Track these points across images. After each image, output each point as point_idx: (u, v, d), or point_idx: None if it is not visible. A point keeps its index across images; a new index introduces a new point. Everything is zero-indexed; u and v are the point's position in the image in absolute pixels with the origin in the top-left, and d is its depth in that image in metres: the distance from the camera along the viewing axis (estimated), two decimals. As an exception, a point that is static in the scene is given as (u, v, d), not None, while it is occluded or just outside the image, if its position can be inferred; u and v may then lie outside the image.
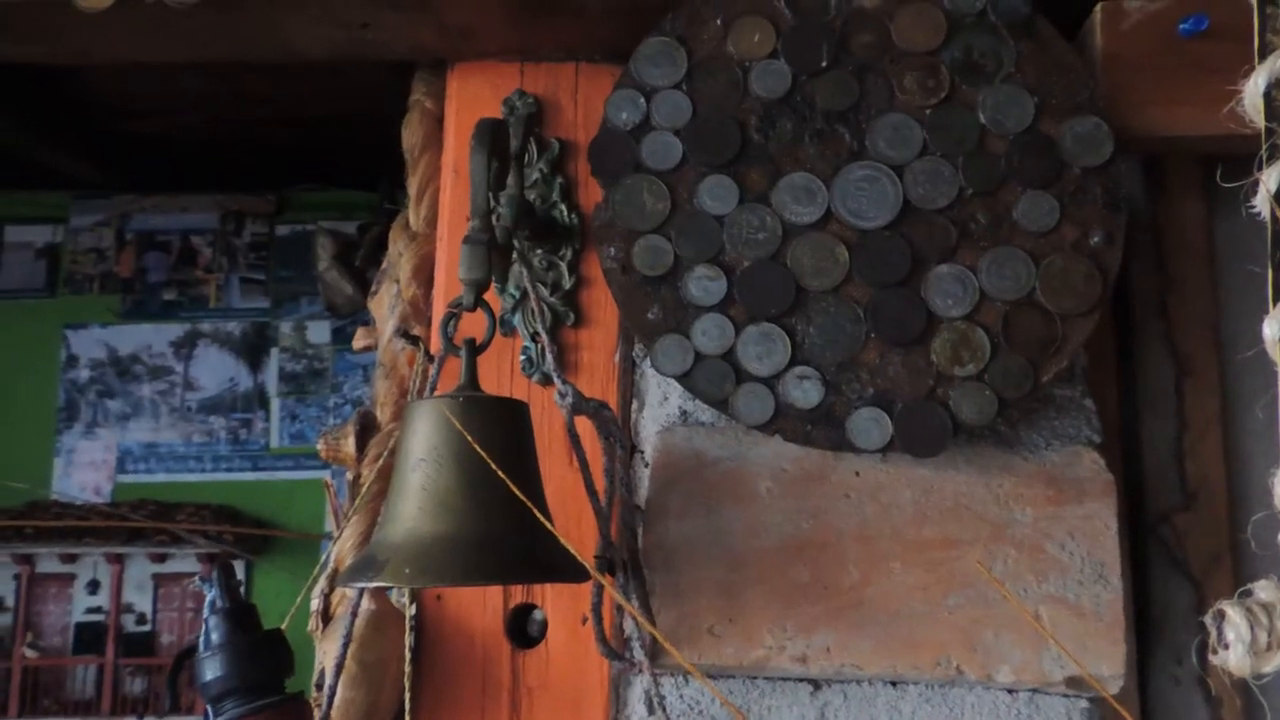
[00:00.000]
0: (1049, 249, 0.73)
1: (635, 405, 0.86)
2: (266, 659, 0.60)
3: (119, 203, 2.95)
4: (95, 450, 2.79)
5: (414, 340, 0.92)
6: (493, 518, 0.62)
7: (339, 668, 0.72)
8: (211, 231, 2.93)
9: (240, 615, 0.61)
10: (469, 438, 0.58)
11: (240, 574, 2.68)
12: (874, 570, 0.74)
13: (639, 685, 0.81)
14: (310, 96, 2.51)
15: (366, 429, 0.95)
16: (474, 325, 0.73)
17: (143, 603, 2.67)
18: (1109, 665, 0.70)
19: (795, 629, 0.73)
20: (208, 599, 0.61)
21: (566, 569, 0.64)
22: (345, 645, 0.73)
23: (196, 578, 0.63)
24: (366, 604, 0.82)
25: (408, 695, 0.82)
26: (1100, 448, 0.77)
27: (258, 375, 2.83)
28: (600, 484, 0.75)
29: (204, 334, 2.85)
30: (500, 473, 0.55)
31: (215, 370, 2.84)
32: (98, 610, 2.65)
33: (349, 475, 0.95)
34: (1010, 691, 0.74)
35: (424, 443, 0.64)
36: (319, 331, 2.86)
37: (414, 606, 0.85)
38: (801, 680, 0.77)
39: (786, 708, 0.76)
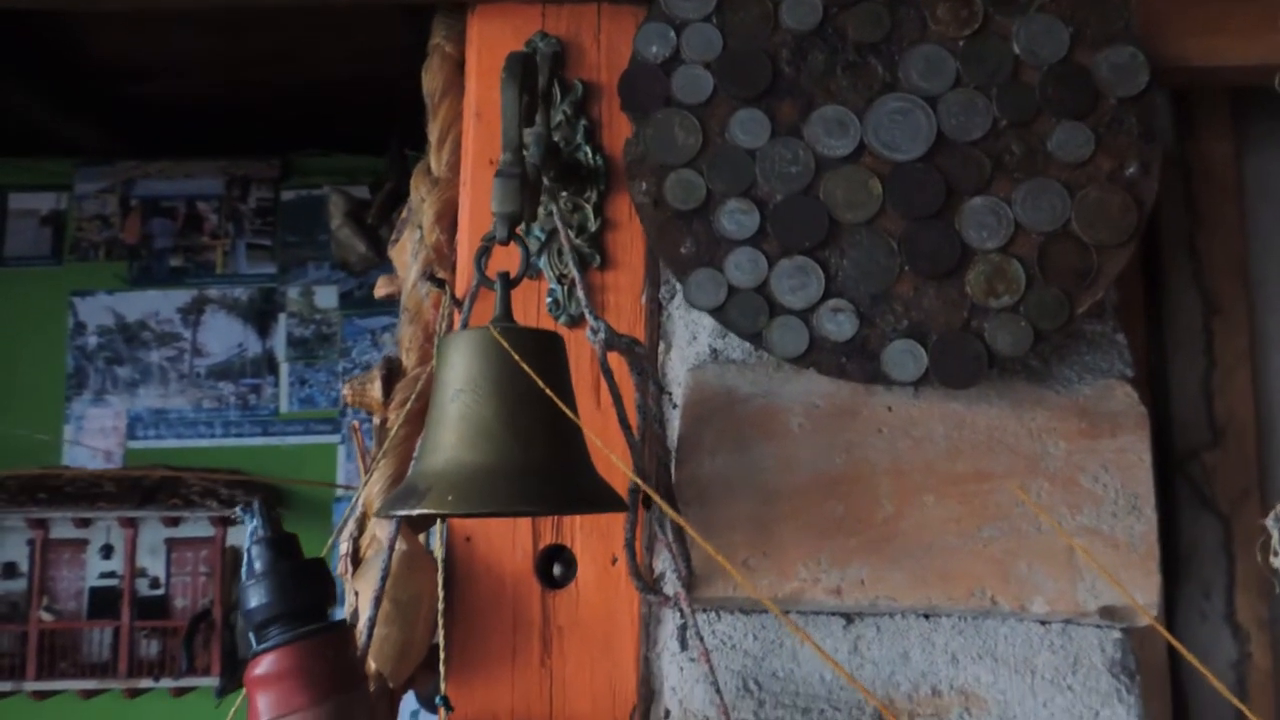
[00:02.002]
0: (1084, 180, 0.73)
1: (662, 347, 0.86)
2: (310, 586, 0.60)
3: (123, 169, 2.93)
4: (105, 417, 2.79)
5: (440, 283, 0.91)
6: (532, 447, 0.62)
7: (377, 600, 0.72)
8: (217, 197, 2.91)
9: (282, 544, 0.61)
10: (522, 363, 0.58)
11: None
12: (907, 504, 0.74)
13: (670, 622, 0.82)
14: (315, 58, 2.49)
15: (392, 374, 0.95)
16: (505, 261, 0.73)
17: (155, 567, 2.68)
18: (1143, 595, 0.70)
19: (829, 562, 0.73)
20: (249, 529, 0.61)
21: (605, 499, 0.64)
22: (384, 577, 0.74)
23: (238, 508, 0.63)
24: (400, 544, 0.82)
25: (441, 633, 0.83)
26: (1133, 381, 0.77)
27: (266, 341, 2.82)
28: (633, 420, 0.75)
29: (211, 300, 2.85)
30: (553, 395, 0.55)
31: (223, 336, 2.84)
32: (111, 575, 2.66)
33: (376, 420, 0.96)
34: (1043, 623, 0.74)
35: (462, 374, 0.64)
36: (327, 296, 2.86)
37: (443, 548, 0.85)
38: (834, 614, 0.77)
39: (820, 641, 0.77)
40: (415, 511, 0.59)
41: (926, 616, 0.76)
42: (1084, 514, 0.73)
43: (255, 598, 0.59)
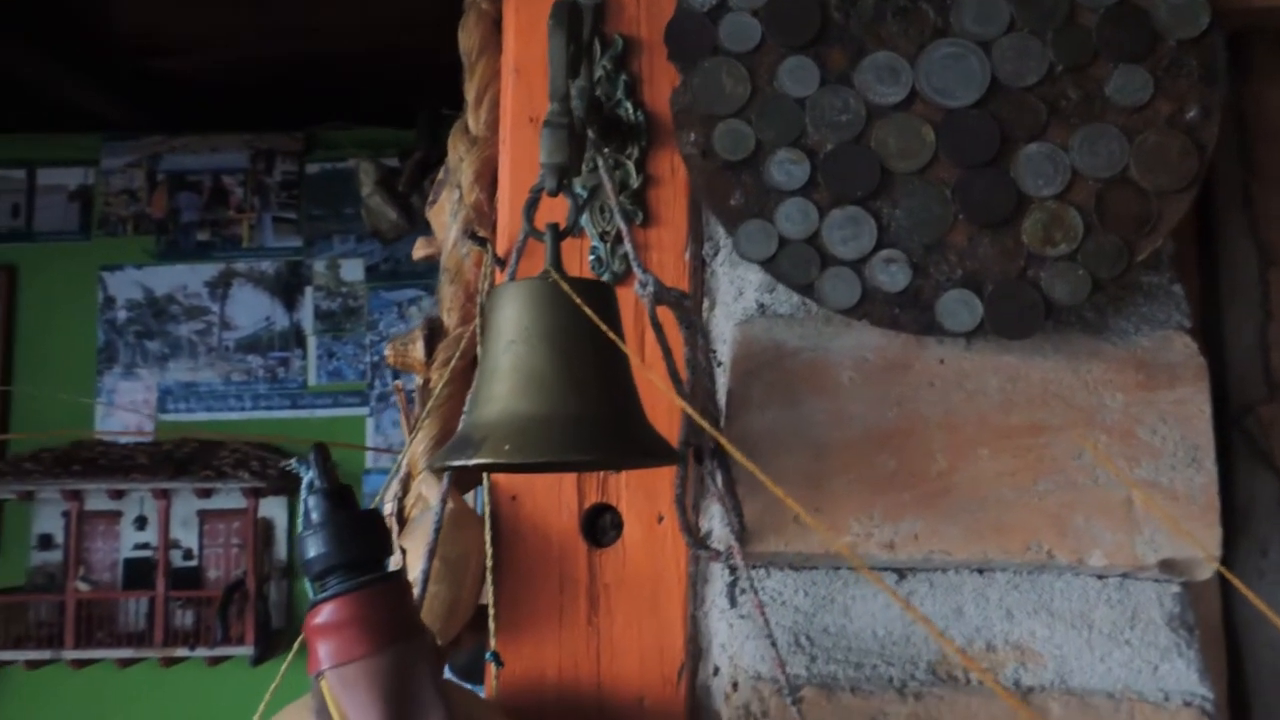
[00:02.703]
0: (1143, 125, 0.71)
1: (706, 304, 0.85)
2: (367, 537, 0.60)
3: (148, 144, 2.94)
4: (136, 390, 2.82)
5: (481, 242, 0.91)
6: (587, 396, 0.62)
7: (431, 553, 0.72)
8: (242, 171, 2.92)
9: (338, 495, 0.61)
10: (585, 307, 0.57)
11: (283, 510, 2.72)
12: (961, 458, 0.73)
13: (719, 580, 0.81)
14: (339, 30, 2.48)
15: (434, 334, 0.95)
16: (550, 215, 0.72)
17: (189, 539, 2.72)
18: (1204, 547, 0.69)
19: (882, 516, 0.73)
20: (305, 480, 0.61)
21: (660, 450, 0.63)
22: (437, 529, 0.73)
23: (294, 460, 0.63)
24: (447, 502, 0.82)
25: (490, 591, 0.83)
26: (1190, 333, 0.75)
27: (293, 314, 2.84)
28: (682, 374, 0.75)
29: (238, 273, 2.86)
30: (619, 342, 0.54)
31: (251, 309, 2.86)
32: (145, 546, 2.69)
33: (418, 380, 0.95)
34: (1100, 577, 0.74)
35: (514, 324, 0.64)
36: (352, 269, 2.87)
37: (489, 508, 0.85)
38: (886, 569, 0.76)
39: (871, 597, 0.76)
40: (472, 462, 0.59)
41: (980, 571, 0.75)
42: (1142, 467, 0.71)
43: (314, 548, 0.59)
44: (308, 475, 0.62)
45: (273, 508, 2.71)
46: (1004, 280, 0.70)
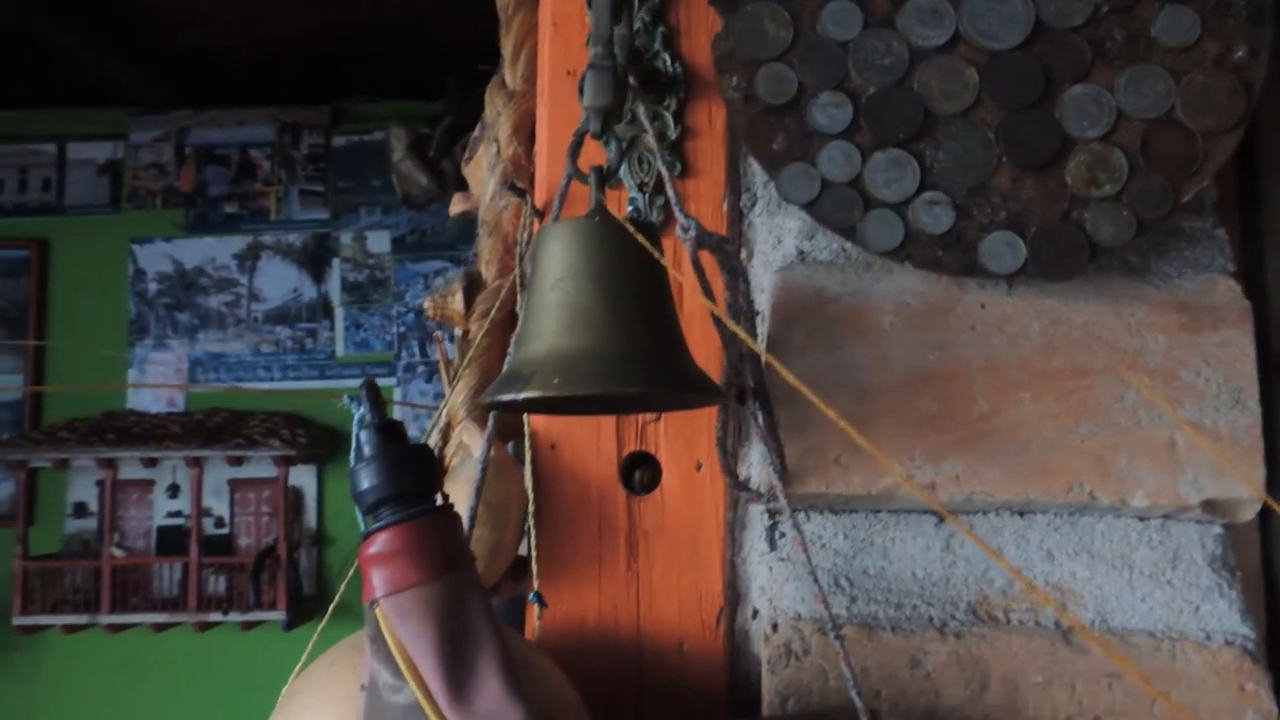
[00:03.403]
0: (1189, 65, 0.71)
1: (744, 255, 0.86)
2: (418, 469, 0.61)
3: (175, 118, 2.96)
4: (167, 362, 2.86)
5: (520, 193, 0.91)
6: (633, 332, 0.62)
7: (478, 492, 0.74)
8: (269, 144, 2.94)
9: (389, 429, 0.62)
10: (638, 234, 0.58)
11: (312, 479, 2.75)
12: (1003, 400, 0.73)
13: (757, 525, 0.82)
14: (365, 2, 2.48)
15: (473, 286, 0.96)
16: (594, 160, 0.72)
17: (220, 507, 2.75)
18: (1249, 487, 0.69)
19: (924, 458, 0.73)
20: (356, 416, 0.62)
21: (705, 386, 0.64)
22: (484, 471, 0.75)
23: (345, 396, 0.64)
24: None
25: (532, 535, 0.84)
26: (1234, 276, 0.75)
27: (321, 285, 2.86)
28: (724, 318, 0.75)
29: (266, 246, 2.88)
30: (675, 273, 0.54)
31: (279, 281, 2.88)
32: (178, 514, 2.73)
33: (458, 332, 0.96)
34: (1141, 519, 0.74)
35: (561, 263, 0.64)
36: (379, 241, 2.88)
37: (529, 456, 0.86)
38: (926, 512, 0.77)
39: (911, 539, 0.77)
40: (521, 396, 0.60)
41: (1021, 514, 0.75)
42: (1185, 408, 0.72)
43: (366, 479, 0.60)
44: (359, 411, 0.63)
45: (302, 476, 2.74)
46: (1048, 222, 0.70)
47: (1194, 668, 0.69)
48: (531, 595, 0.81)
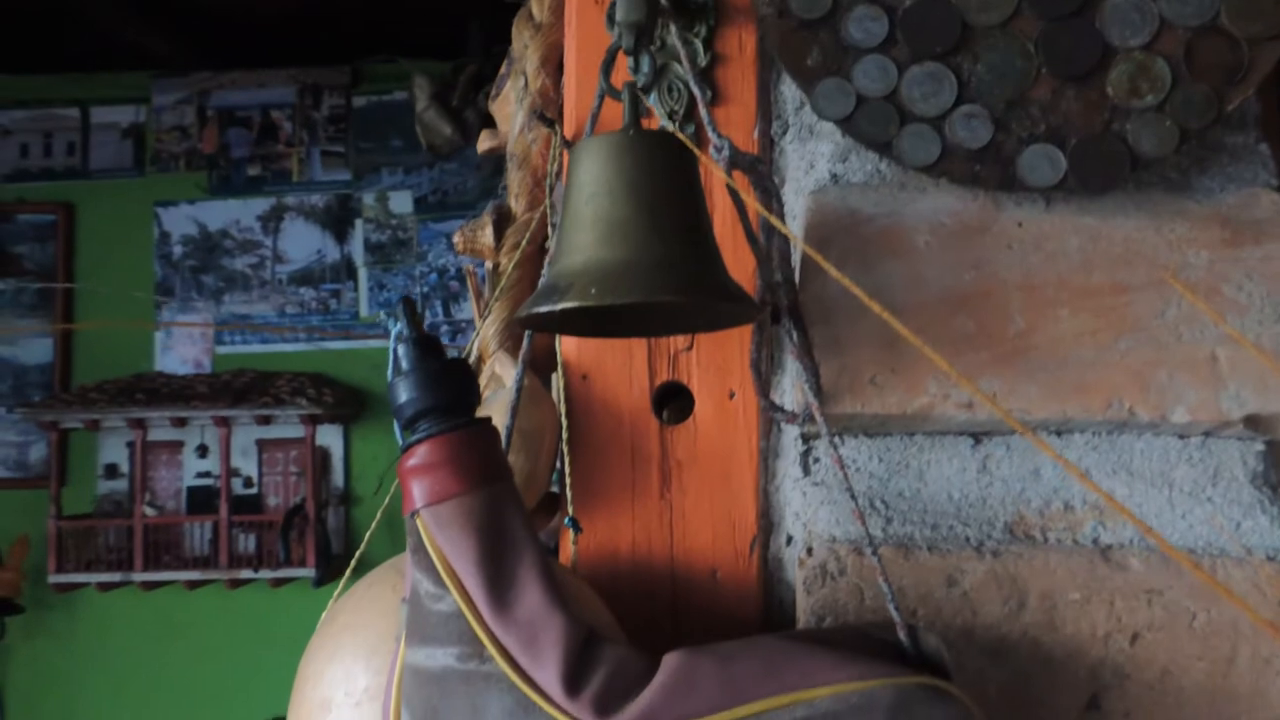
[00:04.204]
0: (1234, -28, 0.69)
1: (775, 182, 0.85)
2: (456, 382, 0.61)
3: (197, 80, 2.97)
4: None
5: (550, 123, 0.91)
6: (669, 242, 0.62)
7: (513, 413, 0.74)
8: (290, 106, 2.94)
9: (426, 343, 0.62)
10: (679, 134, 0.57)
11: (338, 438, 2.77)
12: (1040, 318, 0.73)
13: (791, 452, 0.82)
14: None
15: (503, 219, 0.95)
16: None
17: (248, 467, 2.78)
18: (1291, 401, 0.69)
19: (960, 376, 0.73)
20: (394, 331, 0.62)
21: (741, 296, 0.64)
22: (518, 392, 0.75)
23: (381, 313, 0.64)
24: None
25: (565, 466, 0.84)
26: (1278, 190, 0.74)
27: (344, 246, 2.87)
28: (758, 238, 0.75)
29: (289, 207, 2.89)
30: (722, 175, 0.54)
31: (302, 243, 2.89)
32: (207, 475, 2.76)
33: (488, 266, 0.96)
34: (1181, 436, 0.73)
35: (596, 177, 0.64)
36: (401, 202, 2.88)
37: (561, 387, 0.86)
38: (962, 434, 0.76)
39: (947, 461, 0.76)
40: (559, 307, 0.60)
41: (1059, 433, 0.75)
42: (1228, 323, 0.71)
43: (405, 393, 0.60)
44: (396, 327, 0.63)
45: (329, 436, 2.76)
46: (1088, 133, 0.69)
47: (1234, 583, 0.69)
48: (566, 520, 0.82)
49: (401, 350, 0.62)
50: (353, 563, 0.86)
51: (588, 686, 0.57)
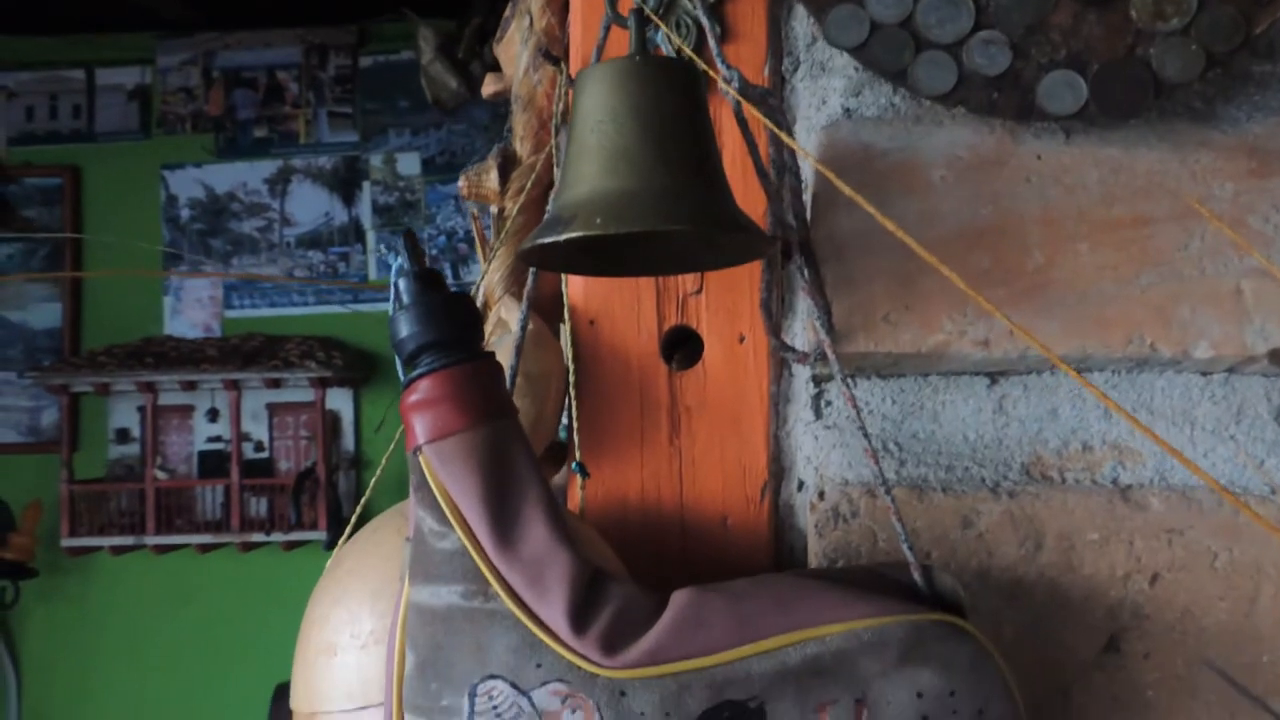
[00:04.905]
0: (1265, -113, 0.66)
1: (787, 117, 0.83)
2: (459, 316, 0.60)
3: (202, 41, 2.94)
4: (202, 288, 2.87)
5: (555, 61, 0.89)
6: (675, 171, 0.60)
7: (518, 352, 0.72)
8: (296, 66, 2.91)
9: (428, 277, 0.60)
10: (696, 60, 0.55)
11: (348, 402, 2.77)
12: (1059, 253, 0.71)
13: (803, 396, 0.80)
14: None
15: (508, 163, 0.93)
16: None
17: (259, 432, 2.78)
18: (1319, 335, 0.66)
19: (976, 313, 0.71)
20: (395, 266, 0.61)
21: (750, 226, 0.62)
22: (523, 329, 0.73)
23: (382, 246, 0.63)
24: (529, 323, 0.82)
25: (573, 408, 0.83)
26: (1307, 120, 0.71)
27: (351, 209, 2.85)
28: (769, 172, 0.73)
29: (296, 170, 2.87)
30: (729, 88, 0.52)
31: (310, 205, 2.87)
32: (218, 439, 2.77)
33: (493, 210, 0.95)
34: (1204, 374, 0.71)
35: (601, 105, 0.62)
36: (409, 163, 2.86)
37: (569, 333, 0.85)
38: (978, 374, 0.75)
39: (962, 401, 0.75)
40: (563, 237, 0.58)
41: (1077, 372, 0.73)
42: (1252, 256, 0.68)
43: (405, 327, 0.59)
44: (397, 261, 0.62)
45: (339, 400, 2.76)
46: (1110, 59, 0.67)
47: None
48: (574, 465, 0.80)
49: (403, 284, 0.60)
50: (356, 514, 0.85)
51: (594, 624, 0.55)
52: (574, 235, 0.58)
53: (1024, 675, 0.62)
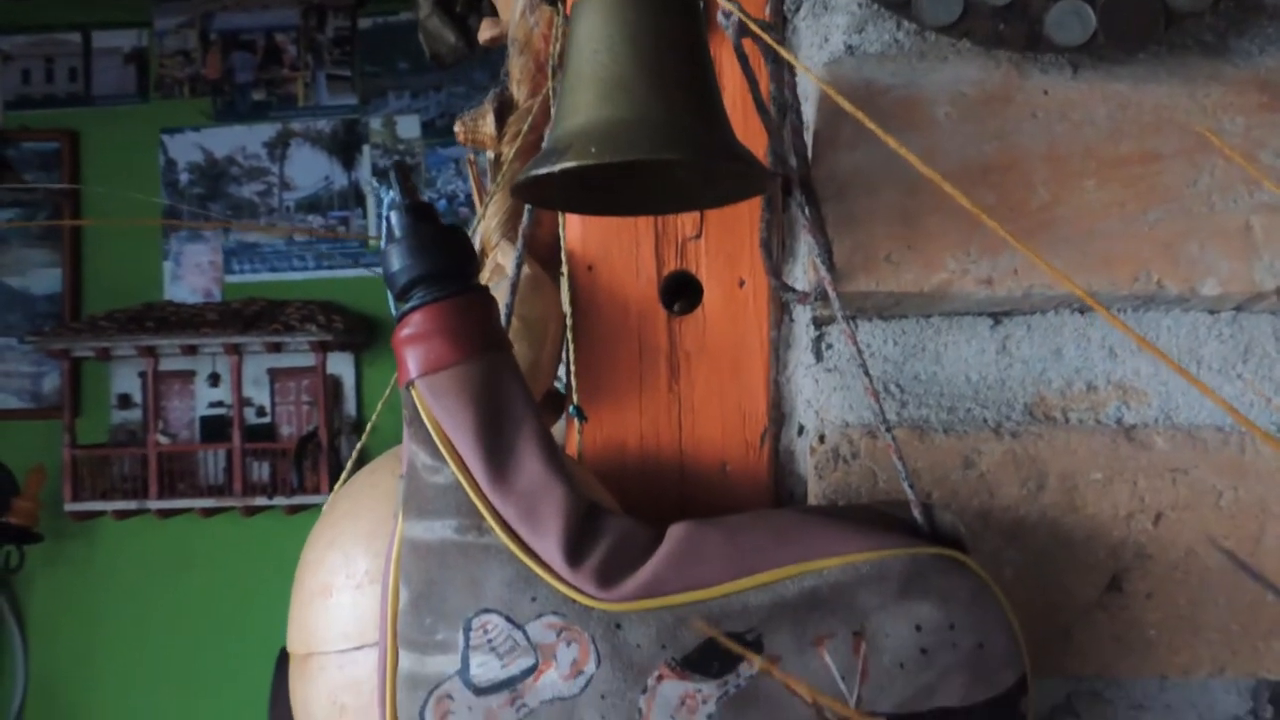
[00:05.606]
0: None
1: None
2: (452, 249, 0.59)
3: (199, 3, 2.91)
4: (202, 253, 2.85)
5: (552, 2, 0.87)
6: (673, 101, 0.59)
7: (513, 289, 0.71)
8: (294, 28, 2.88)
9: (420, 209, 0.59)
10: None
11: (349, 367, 2.76)
12: (1065, 190, 0.69)
13: (804, 340, 0.79)
14: None
15: (504, 108, 0.92)
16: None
17: (260, 397, 2.78)
18: (1329, 271, 0.65)
19: (979, 252, 0.69)
20: (386, 199, 0.60)
21: (748, 157, 0.61)
22: (518, 268, 0.72)
23: (374, 179, 0.62)
24: (525, 268, 0.81)
25: (571, 354, 0.82)
26: (1320, 51, 0.69)
27: (351, 172, 2.82)
28: (769, 108, 0.71)
29: (296, 133, 2.84)
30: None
31: (310, 169, 2.85)
32: (219, 405, 2.76)
33: (489, 155, 0.93)
34: (1211, 312, 0.70)
35: (597, 34, 0.60)
36: (409, 126, 2.83)
37: (566, 278, 0.84)
38: (981, 314, 0.73)
39: (965, 343, 0.73)
40: (558, 168, 0.57)
41: (1081, 311, 0.72)
42: (1264, 191, 0.67)
43: (397, 260, 0.58)
44: (388, 194, 0.60)
45: (341, 365, 2.75)
46: (1119, -13, 0.65)
47: (1264, 460, 0.66)
48: (571, 409, 0.80)
49: (394, 217, 0.59)
50: (352, 458, 0.84)
51: (590, 557, 0.55)
52: (568, 165, 0.56)
53: (1025, 615, 0.62)
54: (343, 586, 0.66)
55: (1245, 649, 0.66)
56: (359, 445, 0.85)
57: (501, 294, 0.80)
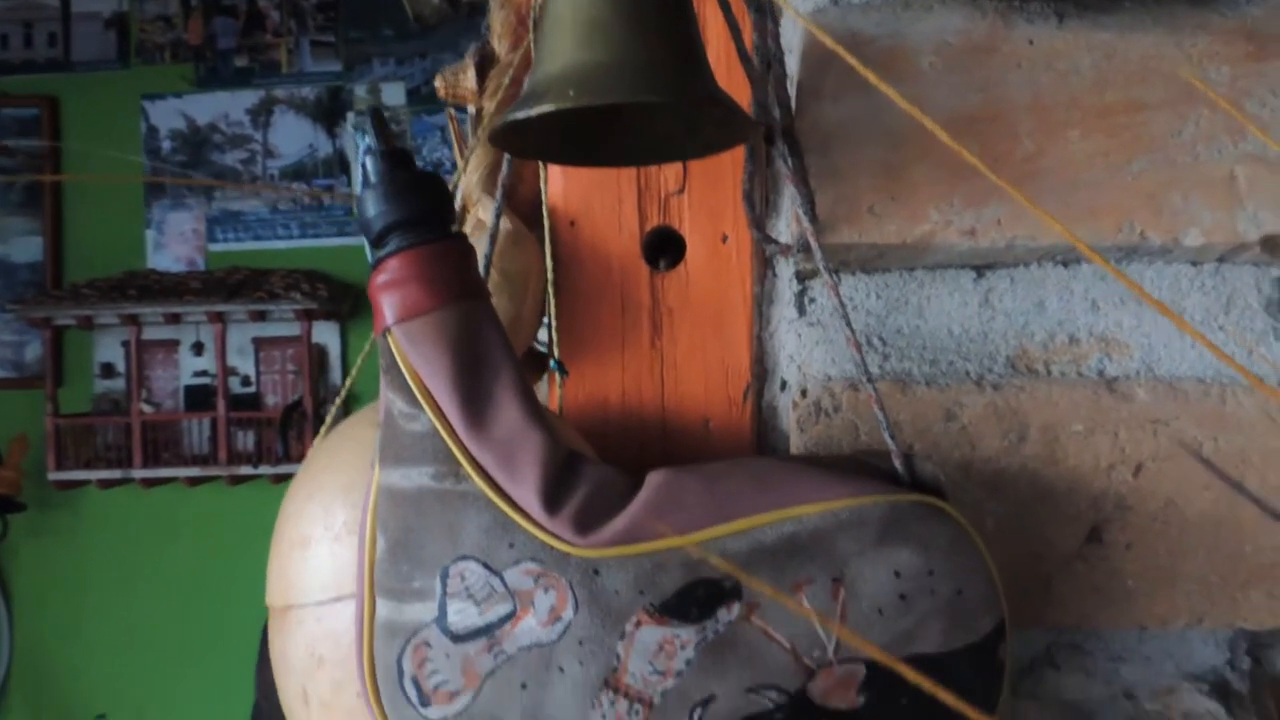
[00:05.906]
0: None
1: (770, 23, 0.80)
2: (428, 194, 0.58)
3: (180, -33, 2.85)
4: (185, 221, 2.83)
5: (532, -49, 0.85)
6: (653, 45, 0.58)
7: (492, 240, 0.70)
8: (277, -7, 2.82)
9: (396, 155, 0.58)
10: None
11: (335, 336, 2.75)
12: (1049, 140, 0.69)
13: (787, 295, 0.79)
14: None
15: (486, 62, 0.90)
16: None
17: (245, 366, 2.76)
18: (1312, 221, 0.65)
19: (963, 203, 0.69)
20: (362, 146, 0.59)
21: (729, 102, 0.60)
22: (498, 217, 0.71)
23: (350, 125, 0.61)
24: (504, 222, 0.80)
25: (552, 310, 0.81)
26: (1308, 2, 0.69)
27: (336, 140, 2.79)
28: (752, 59, 0.70)
29: (279, 100, 2.81)
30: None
31: (293, 137, 2.82)
32: (204, 374, 2.75)
33: (471, 110, 0.92)
34: (1194, 264, 0.70)
35: (574, -24, 0.59)
36: (394, 93, 2.81)
37: (548, 234, 0.83)
38: (964, 267, 0.73)
39: (947, 295, 0.73)
40: (535, 111, 0.56)
41: (1065, 264, 0.71)
42: (1249, 141, 0.67)
43: (372, 206, 0.57)
44: (364, 140, 0.59)
45: (326, 334, 2.73)
46: (1106, -67, 0.64)
47: (1244, 411, 0.66)
48: (552, 364, 0.79)
49: (369, 163, 0.58)
50: (332, 413, 0.83)
51: (568, 503, 0.54)
52: (546, 109, 0.55)
53: (1005, 566, 0.62)
54: (321, 538, 0.66)
55: (1223, 599, 0.66)
56: (339, 400, 0.85)
57: (482, 247, 0.80)
